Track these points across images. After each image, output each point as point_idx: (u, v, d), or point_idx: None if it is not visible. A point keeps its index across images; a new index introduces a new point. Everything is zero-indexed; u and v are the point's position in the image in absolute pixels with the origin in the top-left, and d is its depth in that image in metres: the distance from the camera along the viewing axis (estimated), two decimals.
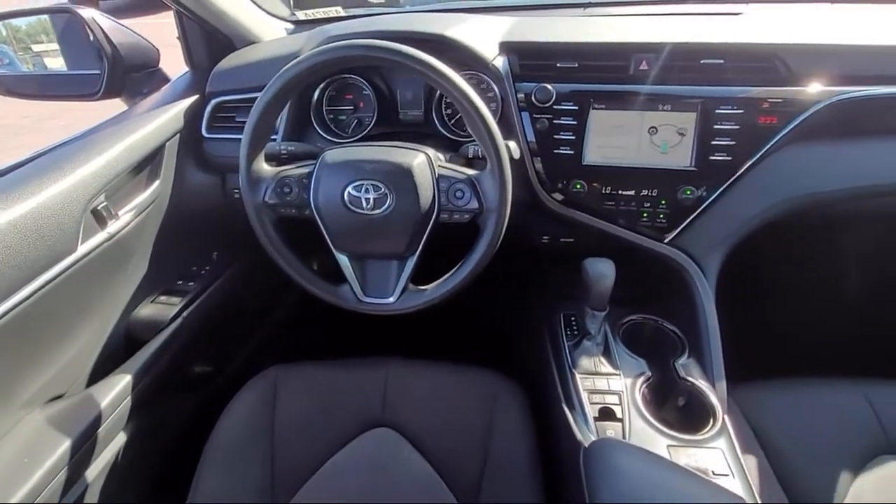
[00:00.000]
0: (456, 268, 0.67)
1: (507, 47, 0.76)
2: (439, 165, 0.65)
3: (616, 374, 0.69)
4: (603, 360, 0.71)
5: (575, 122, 0.74)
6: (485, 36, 0.76)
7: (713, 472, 0.57)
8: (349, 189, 0.63)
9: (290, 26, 1.06)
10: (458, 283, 0.66)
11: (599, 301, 0.71)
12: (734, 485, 0.56)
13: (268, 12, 1.01)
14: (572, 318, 0.80)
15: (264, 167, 0.67)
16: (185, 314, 0.84)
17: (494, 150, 0.60)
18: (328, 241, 0.68)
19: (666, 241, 0.76)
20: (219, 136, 0.87)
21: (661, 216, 0.75)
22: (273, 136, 0.81)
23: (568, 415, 0.65)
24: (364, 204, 0.63)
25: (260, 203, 0.66)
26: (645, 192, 0.75)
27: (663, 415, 0.70)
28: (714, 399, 0.66)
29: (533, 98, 0.74)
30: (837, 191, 0.75)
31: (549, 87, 0.73)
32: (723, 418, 0.64)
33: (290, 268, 0.69)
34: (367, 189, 0.62)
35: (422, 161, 0.63)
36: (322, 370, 0.84)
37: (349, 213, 0.64)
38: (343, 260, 0.69)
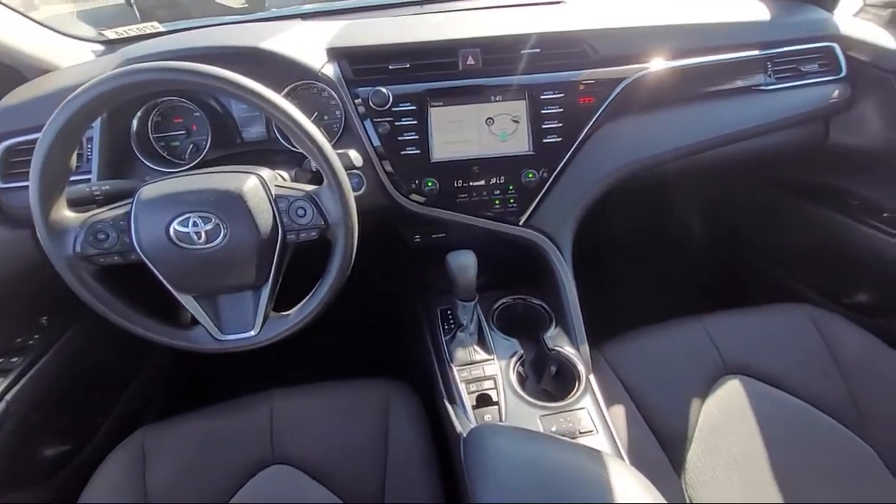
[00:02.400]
0: (315, 287, 0.65)
1: (335, 53, 0.74)
2: (276, 185, 0.62)
3: (490, 360, 0.72)
4: (478, 348, 0.74)
5: (416, 122, 0.75)
6: (308, 44, 0.74)
7: (580, 431, 0.62)
8: (174, 225, 0.57)
9: (100, 48, 0.94)
10: (321, 302, 0.64)
11: (466, 292, 0.73)
12: (598, 439, 0.61)
13: (66, 34, 0.89)
14: (448, 312, 0.82)
15: (67, 215, 0.58)
16: (9, 396, 0.71)
17: (326, 163, 0.58)
18: (166, 284, 0.61)
19: (521, 223, 0.80)
20: (16, 185, 0.74)
21: (512, 201, 0.79)
22: (86, 176, 0.71)
23: (449, 408, 0.67)
24: (195, 239, 0.57)
25: (70, 256, 0.58)
26: (494, 181, 0.78)
27: (543, 387, 0.75)
28: (579, 363, 0.71)
29: (370, 103, 0.73)
30: (656, 155, 0.85)
31: (383, 90, 0.73)
32: (587, 379, 0.69)
33: (124, 320, 0.61)
34: (194, 222, 0.57)
35: (254, 184, 0.59)
36: (197, 420, 0.77)
37: (181, 252, 0.58)
38: (189, 301, 0.63)
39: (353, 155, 0.70)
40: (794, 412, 0.75)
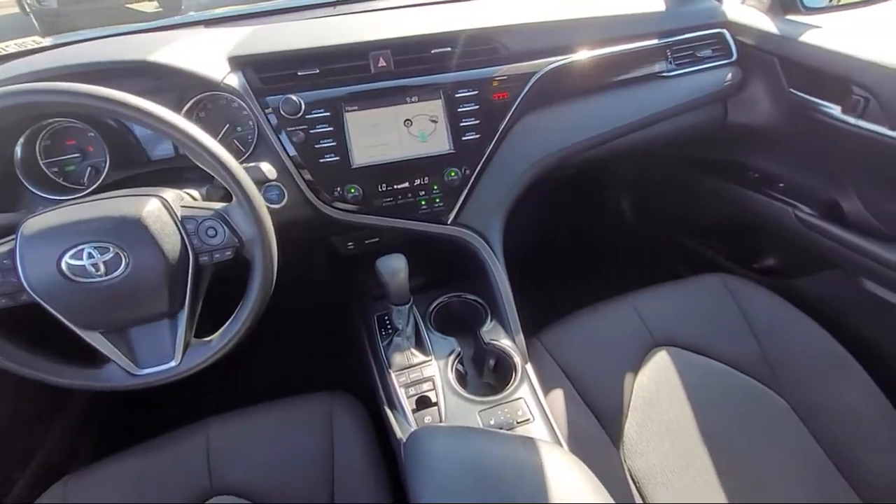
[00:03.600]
0: (238, 308, 0.62)
1: (238, 62, 0.71)
2: (182, 206, 0.58)
3: (429, 361, 0.72)
4: (415, 350, 0.74)
5: (332, 128, 0.73)
6: (208, 53, 0.70)
7: (517, 421, 0.63)
8: (66, 259, 0.52)
9: None
10: (244, 323, 0.61)
11: (399, 295, 0.73)
12: (536, 425, 0.63)
13: None
14: (385, 318, 0.82)
15: None
16: None
17: (231, 178, 0.55)
18: (67, 324, 0.56)
19: (449, 222, 0.81)
20: None
21: (437, 200, 0.79)
22: None
23: (389, 415, 0.66)
24: (92, 271, 0.53)
25: None
26: (418, 182, 0.78)
27: (485, 381, 0.76)
28: (515, 354, 0.73)
29: (281, 111, 0.71)
30: (573, 144, 0.88)
31: (294, 98, 0.71)
32: (522, 368, 0.71)
33: (20, 366, 0.56)
34: (89, 254, 0.53)
35: (154, 207, 0.56)
36: (125, 462, 0.72)
37: (78, 287, 0.53)
38: (97, 338, 0.59)
39: (266, 167, 0.67)
40: (716, 376, 0.81)
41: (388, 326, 0.80)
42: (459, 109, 0.77)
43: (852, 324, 0.87)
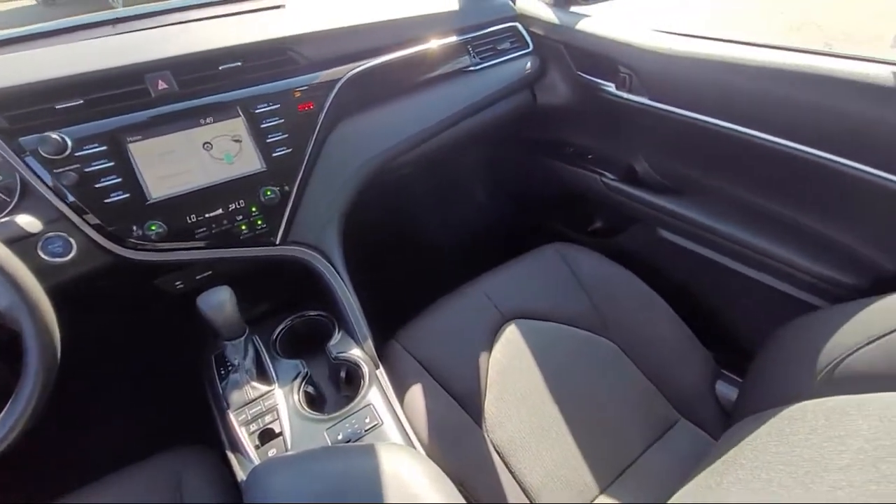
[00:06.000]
0: (16, 392, 0.53)
1: None
2: None
3: (271, 391, 0.69)
4: (256, 383, 0.70)
5: (114, 163, 0.65)
6: None
7: (365, 429, 0.63)
8: None
9: None
10: (27, 407, 0.52)
11: (230, 330, 0.69)
12: (386, 428, 0.64)
13: None
14: (224, 356, 0.76)
15: None
16: None
17: None
18: None
19: (278, 242, 0.78)
20: None
21: (259, 222, 0.75)
22: None
23: (232, 459, 0.62)
24: None
25: None
26: (233, 206, 0.73)
27: (344, 395, 0.75)
28: (362, 362, 0.73)
29: (42, 153, 0.61)
30: (396, 145, 0.90)
31: (55, 136, 0.61)
32: (371, 374, 0.71)
33: None
34: None
35: None
36: None
37: None
38: None
39: (25, 220, 0.58)
40: (558, 336, 0.89)
41: (227, 364, 0.75)
42: (263, 125, 0.74)
43: (655, 267, 1.02)
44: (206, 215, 0.72)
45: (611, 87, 0.97)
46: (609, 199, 1.09)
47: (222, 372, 0.73)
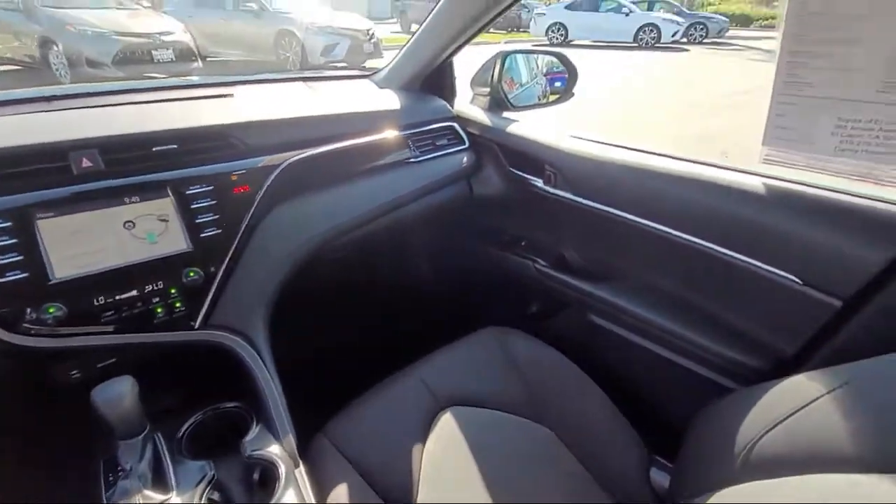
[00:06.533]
0: None
1: None
2: None
3: (166, 500, 0.60)
4: (149, 492, 0.61)
5: (17, 240, 0.61)
6: None
7: None
8: None
9: None
10: None
11: (127, 427, 0.61)
12: None
13: None
14: (116, 459, 0.67)
15: None
16: None
17: None
18: None
19: (197, 326, 0.73)
20: None
21: (178, 305, 0.71)
22: None
23: None
24: None
25: None
26: (150, 288, 0.69)
27: (257, 501, 0.67)
28: (280, 461, 0.66)
29: None
30: (333, 228, 0.91)
31: None
32: (288, 475, 0.65)
33: None
34: None
35: None
36: None
37: None
38: None
39: None
40: (494, 424, 0.86)
41: (118, 469, 0.65)
42: (194, 206, 0.72)
43: (588, 351, 1.05)
44: (118, 297, 0.67)
45: (539, 183, 1.06)
46: (542, 285, 1.14)
47: (111, 478, 0.63)
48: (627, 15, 12.16)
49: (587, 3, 12.59)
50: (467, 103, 1.24)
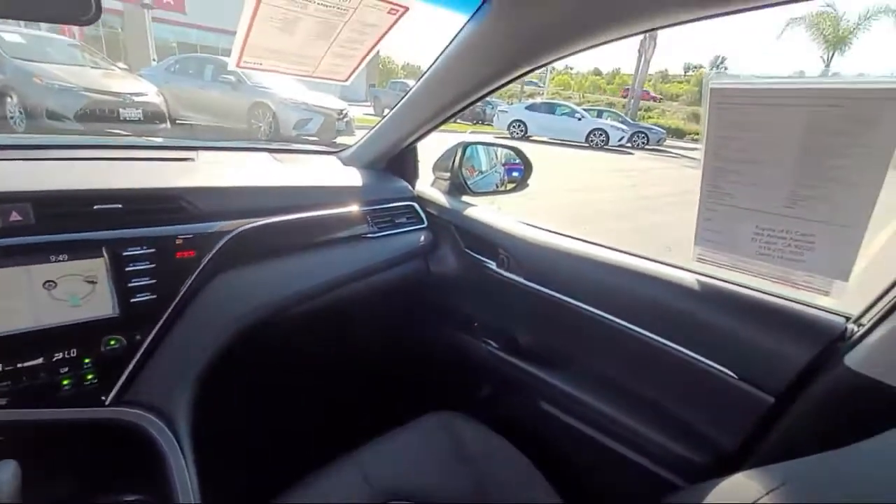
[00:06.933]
0: None
1: None
2: None
3: None
4: None
5: None
6: None
7: None
8: None
9: None
10: None
11: None
12: None
13: None
14: None
15: None
16: None
17: None
18: None
19: (107, 402, 0.65)
20: None
21: (90, 376, 0.64)
22: None
23: None
24: None
25: None
26: (60, 356, 0.62)
27: None
28: None
29: None
30: (281, 300, 0.87)
31: None
32: None
33: None
34: None
35: None
36: None
37: None
38: None
39: None
40: None
41: None
42: (129, 268, 0.68)
43: (537, 440, 1.01)
44: (19, 365, 0.59)
45: (493, 265, 1.09)
46: (494, 368, 1.12)
47: None
48: (580, 120, 13.59)
49: (544, 107, 14.05)
50: (428, 185, 1.29)
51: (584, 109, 14.58)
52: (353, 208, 1.03)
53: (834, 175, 0.57)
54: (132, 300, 0.67)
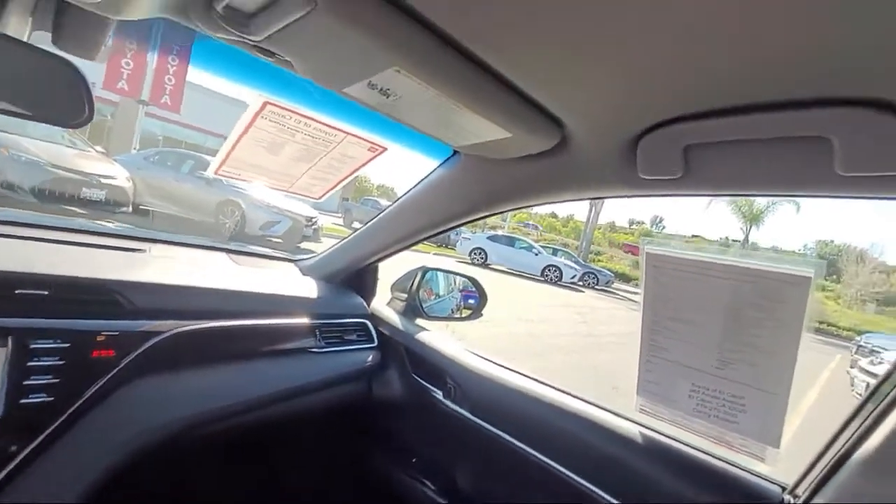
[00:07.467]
0: None
1: None
2: None
3: None
4: None
5: None
6: None
7: None
8: None
9: None
10: None
11: None
12: None
13: None
14: None
15: None
16: None
17: None
18: None
19: None
20: None
21: None
22: None
23: None
24: None
25: None
26: None
27: None
28: None
29: None
30: (204, 413, 0.79)
31: None
32: None
33: None
34: None
35: None
36: None
37: None
38: None
39: None
40: None
41: None
42: (32, 363, 0.61)
43: None
44: None
45: (439, 395, 1.04)
46: None
47: None
48: (536, 255, 14.53)
49: (505, 239, 15.05)
50: (384, 304, 1.29)
51: (542, 246, 15.72)
52: (303, 320, 0.99)
53: (755, 342, 0.62)
54: (22, 401, 0.59)
